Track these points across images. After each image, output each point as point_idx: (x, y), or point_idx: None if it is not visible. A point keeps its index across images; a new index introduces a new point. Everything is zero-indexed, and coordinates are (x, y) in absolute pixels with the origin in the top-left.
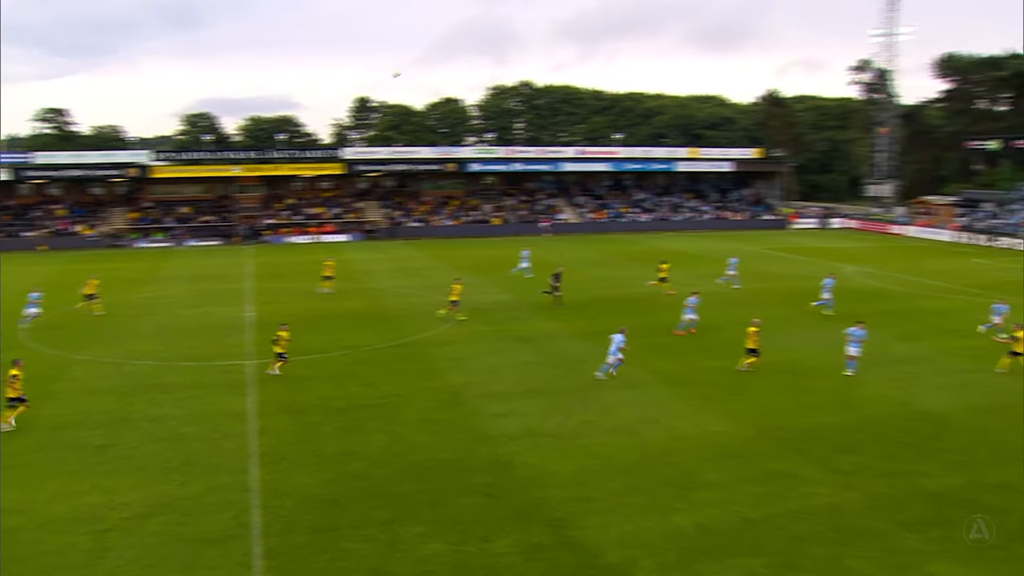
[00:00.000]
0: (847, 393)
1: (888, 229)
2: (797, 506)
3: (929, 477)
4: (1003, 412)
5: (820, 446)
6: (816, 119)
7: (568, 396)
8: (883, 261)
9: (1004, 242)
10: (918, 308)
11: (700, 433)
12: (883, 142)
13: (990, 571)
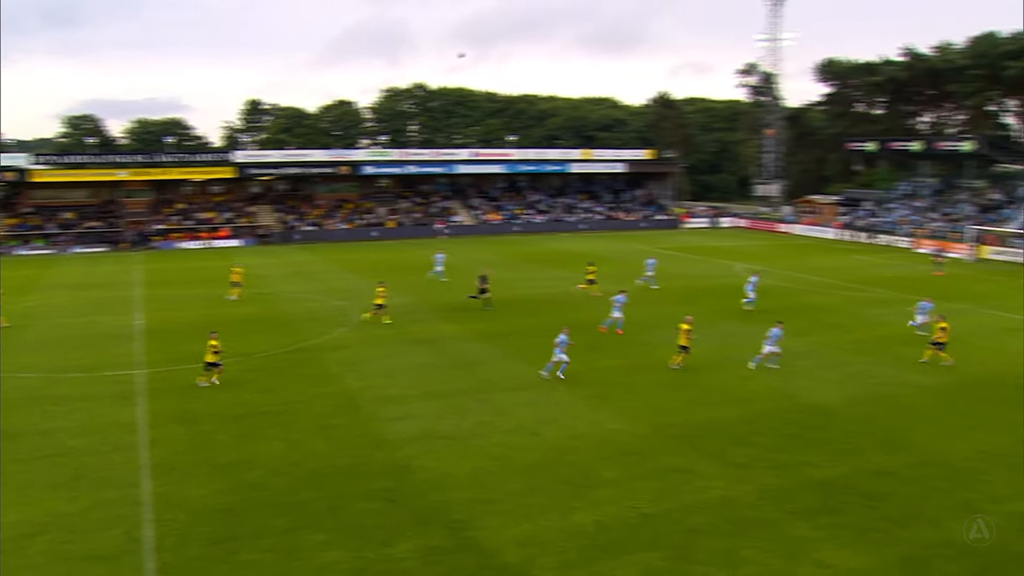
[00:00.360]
0: (739, 388)
1: (776, 227)
2: (692, 500)
3: (816, 467)
4: (884, 402)
5: (714, 440)
6: (706, 121)
7: (465, 398)
8: (772, 259)
9: (883, 239)
10: (805, 304)
11: (597, 432)
12: (770, 143)
13: (873, 554)
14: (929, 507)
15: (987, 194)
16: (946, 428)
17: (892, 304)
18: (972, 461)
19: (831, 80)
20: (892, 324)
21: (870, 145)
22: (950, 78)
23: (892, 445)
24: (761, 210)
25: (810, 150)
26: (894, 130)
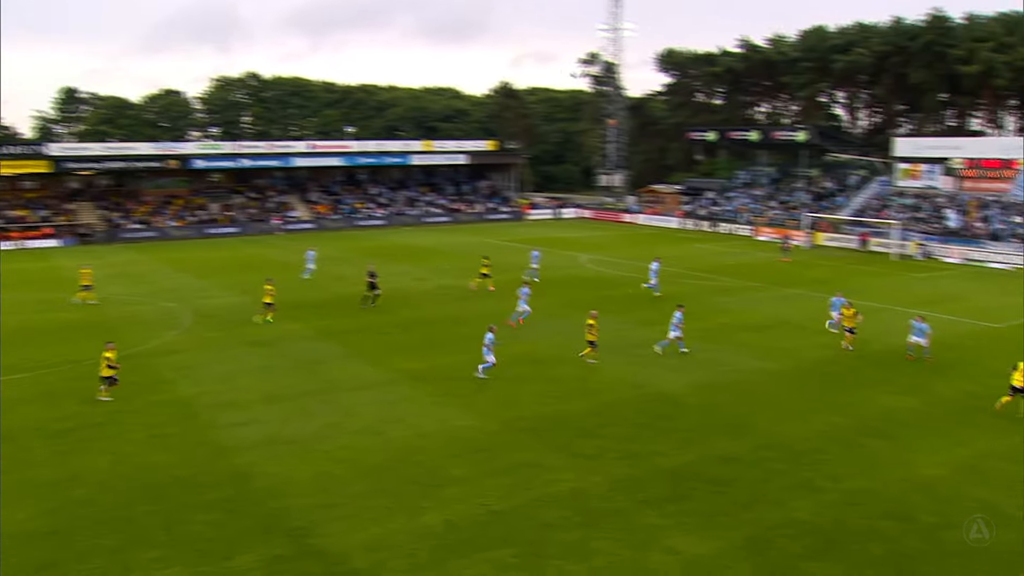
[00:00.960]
0: (588, 379)
1: (620, 218)
2: (543, 494)
3: (665, 455)
4: (729, 389)
5: (563, 433)
6: (549, 111)
7: (308, 400)
8: (616, 249)
9: (724, 228)
10: (648, 293)
11: (445, 429)
12: (612, 133)
13: (720, 538)
14: (772, 489)
15: (820, 182)
16: (787, 412)
17: (736, 292)
18: (811, 442)
19: (672, 70)
20: (736, 311)
21: (710, 135)
22: (784, 70)
23: (737, 431)
24: (605, 200)
25: (652, 140)
26: (733, 120)
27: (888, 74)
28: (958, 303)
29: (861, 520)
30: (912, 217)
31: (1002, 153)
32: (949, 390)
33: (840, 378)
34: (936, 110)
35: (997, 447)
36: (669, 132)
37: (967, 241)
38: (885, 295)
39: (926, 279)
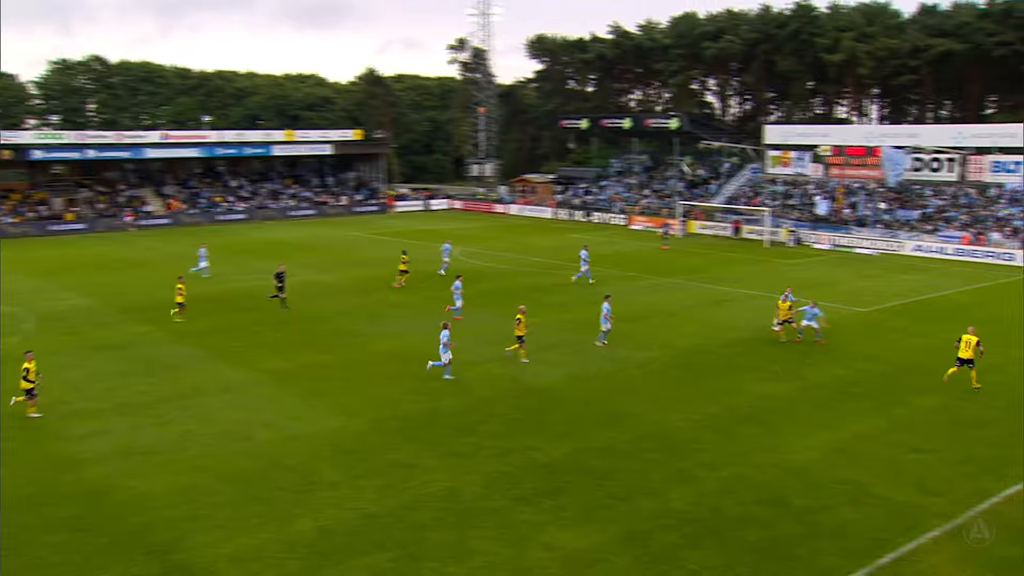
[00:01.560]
0: (461, 375)
1: (492, 208)
2: (417, 495)
3: (541, 450)
4: (604, 380)
5: (436, 431)
6: (417, 99)
7: (167, 406)
8: (489, 240)
9: (597, 217)
10: (524, 285)
11: (315, 431)
12: (483, 121)
13: (599, 532)
14: (649, 480)
15: (694, 170)
16: (663, 402)
17: (610, 282)
18: (687, 431)
19: (543, 57)
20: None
21: (583, 123)
22: (656, 57)
23: (613, 422)
24: (477, 191)
25: (524, 128)
26: (606, 107)
27: (757, 62)
28: (828, 288)
29: (737, 507)
30: (783, 204)
31: (866, 140)
32: (820, 375)
33: (714, 367)
34: (804, 98)
35: (866, 429)
36: (541, 120)
37: (836, 227)
38: (758, 282)
39: (797, 265)
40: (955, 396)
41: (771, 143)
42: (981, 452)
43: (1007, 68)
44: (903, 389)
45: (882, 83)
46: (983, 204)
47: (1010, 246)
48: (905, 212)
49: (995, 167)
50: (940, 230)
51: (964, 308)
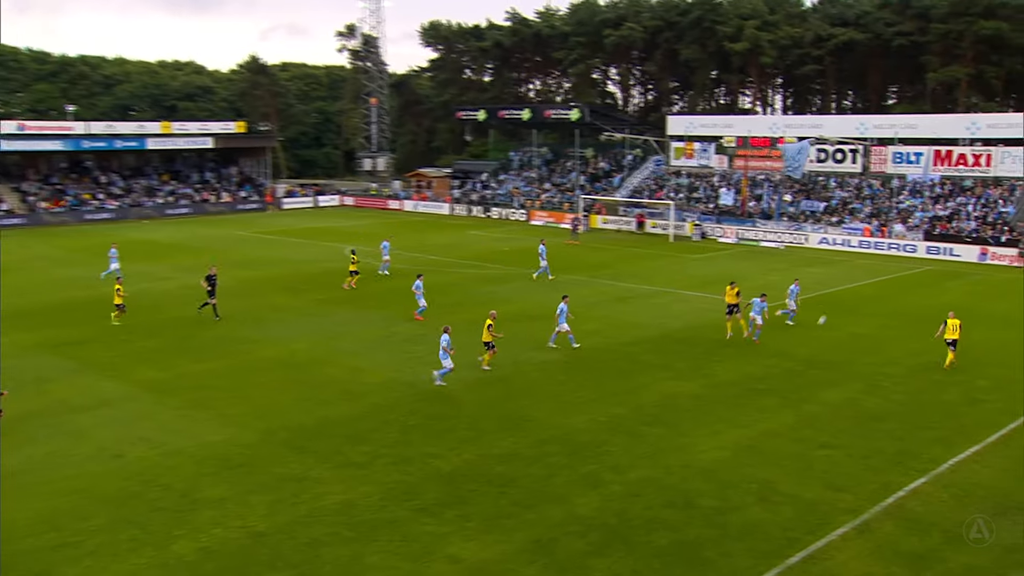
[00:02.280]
0: (353, 381)
1: (387, 204)
2: (310, 509)
3: (441, 458)
4: (506, 382)
5: (329, 441)
6: (304, 89)
7: (30, 424)
8: (383, 238)
9: (497, 212)
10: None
11: (196, 446)
12: (375, 113)
13: (504, 542)
14: (555, 485)
15: (596, 163)
16: (567, 403)
17: (510, 280)
18: (593, 434)
19: (437, 45)
20: (511, 301)
21: (480, 114)
22: (555, 45)
23: (516, 426)
24: (370, 186)
25: (419, 120)
26: (504, 98)
27: (660, 50)
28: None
29: (645, 511)
30: (688, 197)
31: (770, 131)
32: (728, 372)
33: (619, 366)
34: (708, 88)
35: (774, 426)
36: (436, 111)
37: (741, 220)
38: (663, 278)
39: (703, 260)
40: (859, 390)
41: (674, 134)
42: (885, 446)
43: (906, 58)
44: (810, 384)
45: (786, 73)
46: (886, 195)
47: (912, 238)
48: (810, 204)
49: (897, 158)
50: (845, 222)
51: (869, 301)
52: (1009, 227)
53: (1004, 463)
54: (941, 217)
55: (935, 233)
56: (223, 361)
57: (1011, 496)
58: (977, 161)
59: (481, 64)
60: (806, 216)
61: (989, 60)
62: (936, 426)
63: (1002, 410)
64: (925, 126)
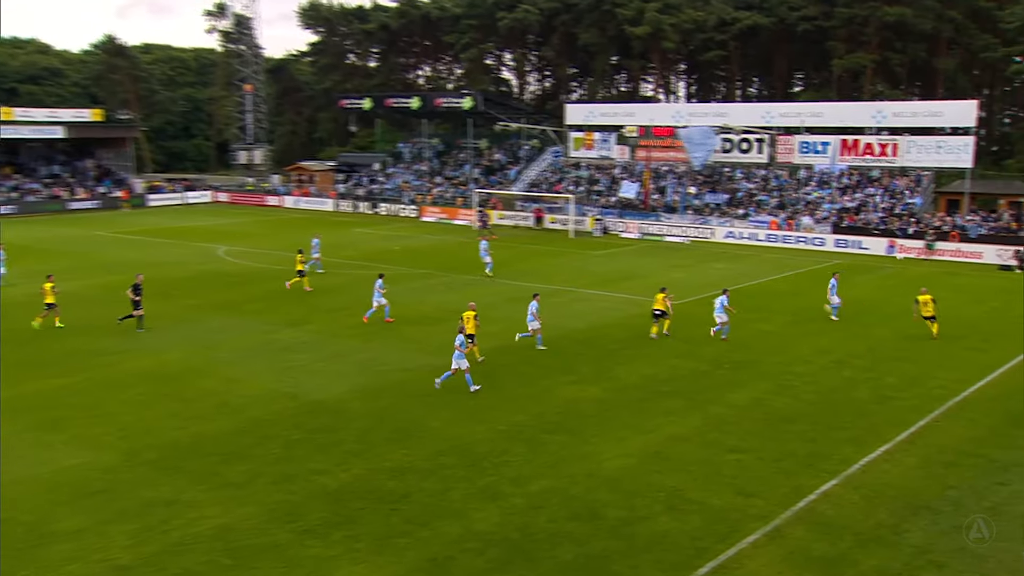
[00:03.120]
0: (230, 394)
1: (265, 201)
2: (182, 536)
3: (328, 474)
4: (397, 390)
5: (203, 460)
6: (170, 73)
7: None
8: (261, 237)
9: (385, 208)
10: (297, 288)
11: (48, 472)
12: (250, 101)
13: (396, 563)
14: (451, 500)
15: (491, 154)
16: (463, 412)
17: (400, 281)
18: (492, 443)
19: (317, 27)
20: (401, 303)
21: (366, 102)
22: (446, 28)
23: (409, 437)
24: (246, 181)
25: (299, 108)
26: (391, 85)
27: (557, 34)
28: (638, 281)
29: (548, 524)
30: (588, 190)
31: (673, 120)
32: (631, 375)
33: (520, 371)
34: (608, 75)
35: (680, 430)
36: (318, 99)
37: (644, 214)
38: (564, 276)
39: (605, 256)
40: (768, 390)
41: (573, 124)
42: (796, 448)
43: (812, 44)
44: (717, 385)
45: (689, 58)
46: (793, 187)
47: (821, 230)
48: (715, 196)
49: (804, 148)
50: (751, 215)
51: (777, 297)
52: (916, 219)
53: (913, 461)
54: (849, 209)
55: (843, 225)
56: (81, 376)
57: (920, 495)
58: (884, 150)
59: (366, 48)
60: (711, 209)
61: (893, 47)
62: (847, 426)
63: (912, 407)
64: (831, 114)
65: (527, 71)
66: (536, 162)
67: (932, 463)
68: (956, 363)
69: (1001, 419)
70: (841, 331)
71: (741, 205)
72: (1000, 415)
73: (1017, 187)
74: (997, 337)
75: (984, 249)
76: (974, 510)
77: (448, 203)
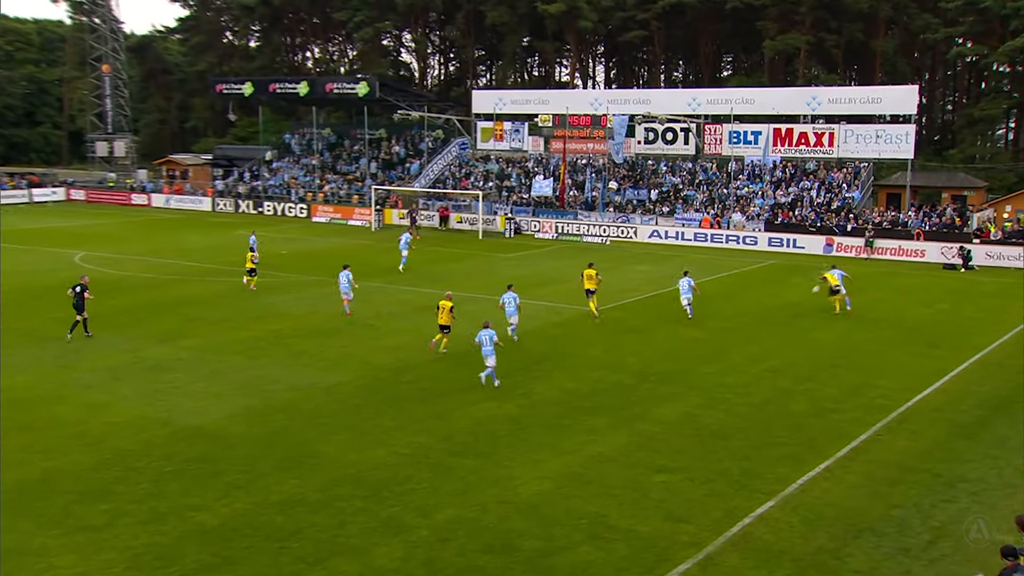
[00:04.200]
0: (91, 422)
1: (130, 200)
2: None
3: (206, 510)
4: (287, 412)
5: (57, 500)
6: (7, 48)
7: None
8: (126, 242)
9: (270, 207)
10: (175, 297)
11: None
12: (108, 83)
13: None
14: (349, 534)
15: (389, 147)
16: (361, 435)
17: (290, 289)
18: (393, 470)
19: (188, 1)
20: (291, 314)
21: (246, 87)
22: (336, 4)
23: (299, 466)
24: (106, 176)
25: (168, 94)
26: (275, 68)
27: (462, 12)
28: (552, 287)
29: (458, 558)
30: (499, 186)
31: (592, 108)
32: (549, 390)
33: (423, 387)
34: (520, 58)
35: (604, 450)
36: (190, 83)
37: (560, 212)
38: (472, 281)
39: (518, 259)
40: (698, 404)
41: (481, 112)
42: (729, 467)
43: (741, 23)
44: (643, 399)
45: (608, 40)
46: (723, 181)
47: (752, 228)
48: (637, 191)
49: (734, 138)
50: (678, 212)
51: (706, 301)
52: (855, 215)
53: (855, 479)
54: (783, 204)
55: (777, 223)
56: None
57: (863, 516)
58: (820, 140)
59: (245, 26)
60: (634, 206)
61: (828, 27)
62: (783, 441)
63: (852, 419)
64: (763, 101)
65: (429, 53)
66: (440, 155)
67: (875, 480)
68: (900, 370)
69: (946, 431)
70: (776, 337)
71: (666, 201)
72: (945, 426)
73: (960, 180)
74: (944, 341)
75: (927, 247)
76: (919, 531)
77: (343, 201)
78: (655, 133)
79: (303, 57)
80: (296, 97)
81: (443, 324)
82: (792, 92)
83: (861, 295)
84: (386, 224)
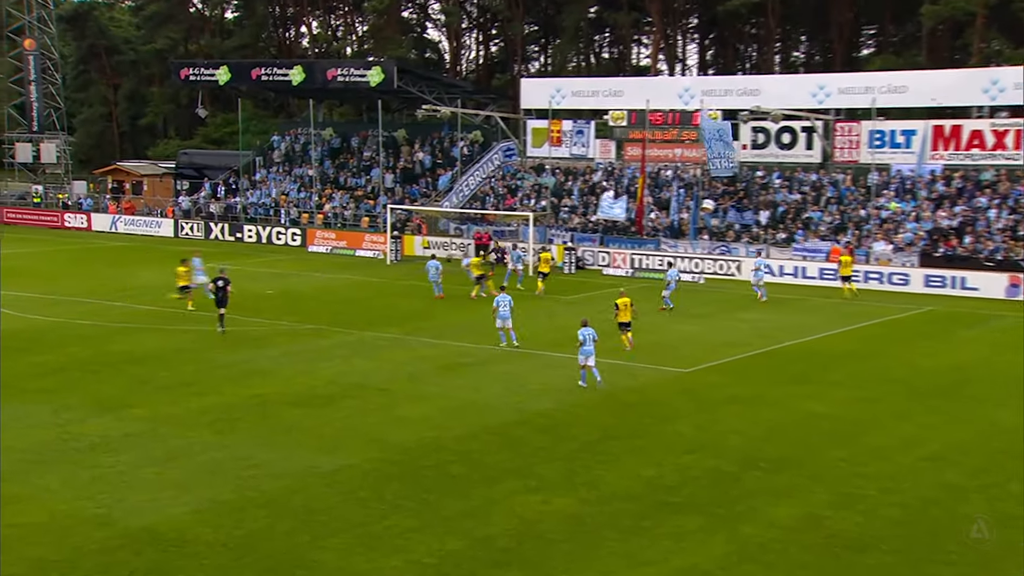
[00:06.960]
0: (3, 523)
1: (63, 221)
2: None
3: None
4: (271, 507)
5: None
6: None
7: None
8: (53, 278)
9: (252, 232)
10: (122, 352)
11: None
12: (34, 65)
13: None
14: None
15: (411, 153)
16: (369, 537)
17: (279, 342)
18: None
19: None
20: (278, 375)
21: (221, 73)
22: None
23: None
24: (30, 190)
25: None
26: (259, 49)
27: None
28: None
29: None
30: (555, 205)
31: (681, 101)
32: (620, 479)
33: (453, 473)
34: (584, 34)
35: (698, 560)
36: (146, 67)
37: (638, 241)
38: (516, 331)
39: (579, 302)
40: (824, 503)
41: (533, 107)
42: None
43: None
44: (749, 494)
45: (704, 9)
46: (860, 198)
47: (902, 263)
48: (741, 214)
49: (876, 139)
50: (796, 241)
51: (838, 361)
52: None
53: None
54: (946, 230)
55: (937, 255)
56: None
57: None
58: (1001, 142)
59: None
60: (737, 233)
61: None
62: (950, 560)
63: None
64: (919, 88)
65: (464, 29)
66: (479, 165)
67: None
68: None
69: None
70: (936, 413)
71: (781, 227)
72: None
73: None
74: None
75: None
76: None
77: (348, 225)
78: (766, 134)
79: (297, 33)
80: (287, 87)
81: (624, 322)
82: (962, 75)
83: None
84: (406, 256)
